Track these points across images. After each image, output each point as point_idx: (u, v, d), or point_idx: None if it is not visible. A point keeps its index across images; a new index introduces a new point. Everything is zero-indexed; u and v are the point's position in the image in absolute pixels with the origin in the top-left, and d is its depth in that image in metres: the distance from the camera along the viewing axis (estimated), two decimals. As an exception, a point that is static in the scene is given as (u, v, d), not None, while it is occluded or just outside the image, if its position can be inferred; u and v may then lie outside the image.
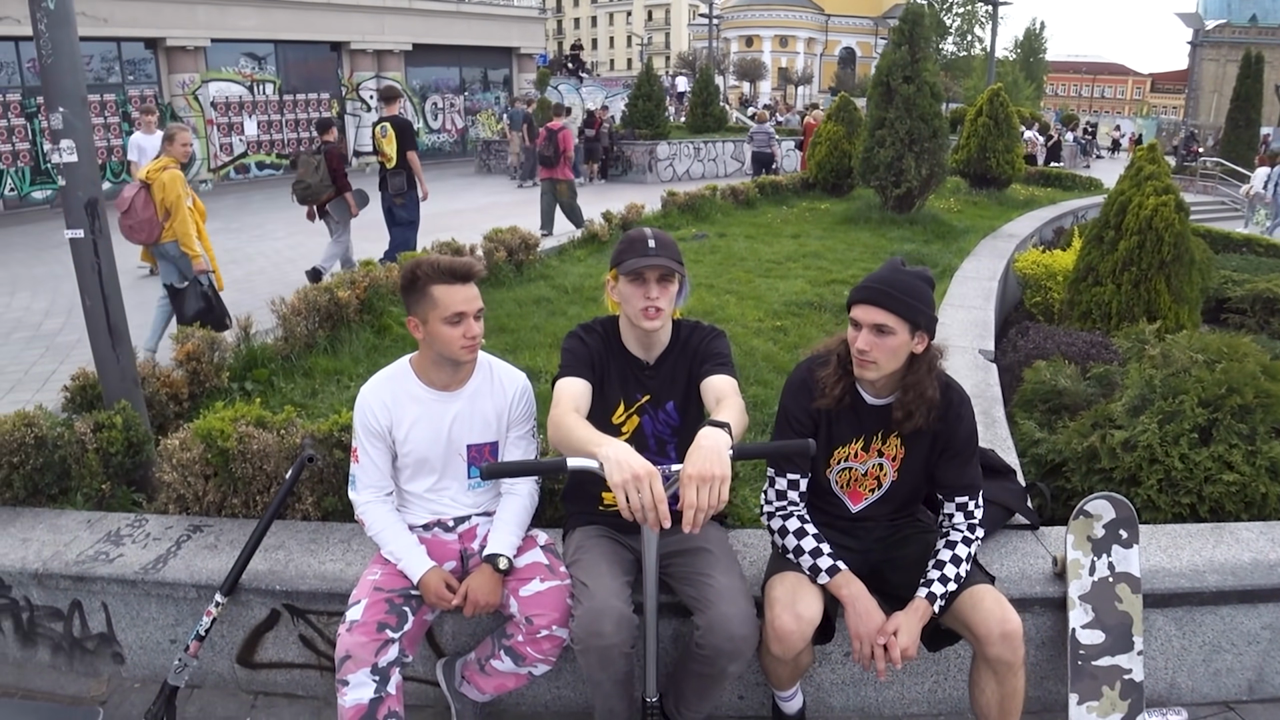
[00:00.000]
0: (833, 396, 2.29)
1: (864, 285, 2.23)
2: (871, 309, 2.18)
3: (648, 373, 2.44)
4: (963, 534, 2.31)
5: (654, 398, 2.44)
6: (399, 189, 8.65)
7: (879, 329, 2.17)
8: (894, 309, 2.16)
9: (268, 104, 21.21)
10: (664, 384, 2.44)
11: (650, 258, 2.28)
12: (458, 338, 2.29)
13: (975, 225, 10.53)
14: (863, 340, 2.18)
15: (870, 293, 2.19)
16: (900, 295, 2.17)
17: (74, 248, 3.28)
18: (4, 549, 2.94)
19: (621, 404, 2.44)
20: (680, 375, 2.44)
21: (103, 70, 17.99)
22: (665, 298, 2.32)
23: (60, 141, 3.12)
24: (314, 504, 3.08)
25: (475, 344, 2.33)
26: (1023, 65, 53.51)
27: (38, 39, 3.00)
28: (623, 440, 2.36)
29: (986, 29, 39.49)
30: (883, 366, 2.21)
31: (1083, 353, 5.03)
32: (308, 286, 5.60)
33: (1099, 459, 3.46)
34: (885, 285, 2.18)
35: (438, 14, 24.42)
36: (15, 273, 10.31)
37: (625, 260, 2.30)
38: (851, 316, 2.24)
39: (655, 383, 2.44)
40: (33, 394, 5.58)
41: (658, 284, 2.30)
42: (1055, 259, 7.73)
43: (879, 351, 2.18)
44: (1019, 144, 13.30)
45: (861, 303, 2.20)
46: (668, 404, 2.45)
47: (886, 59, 10.41)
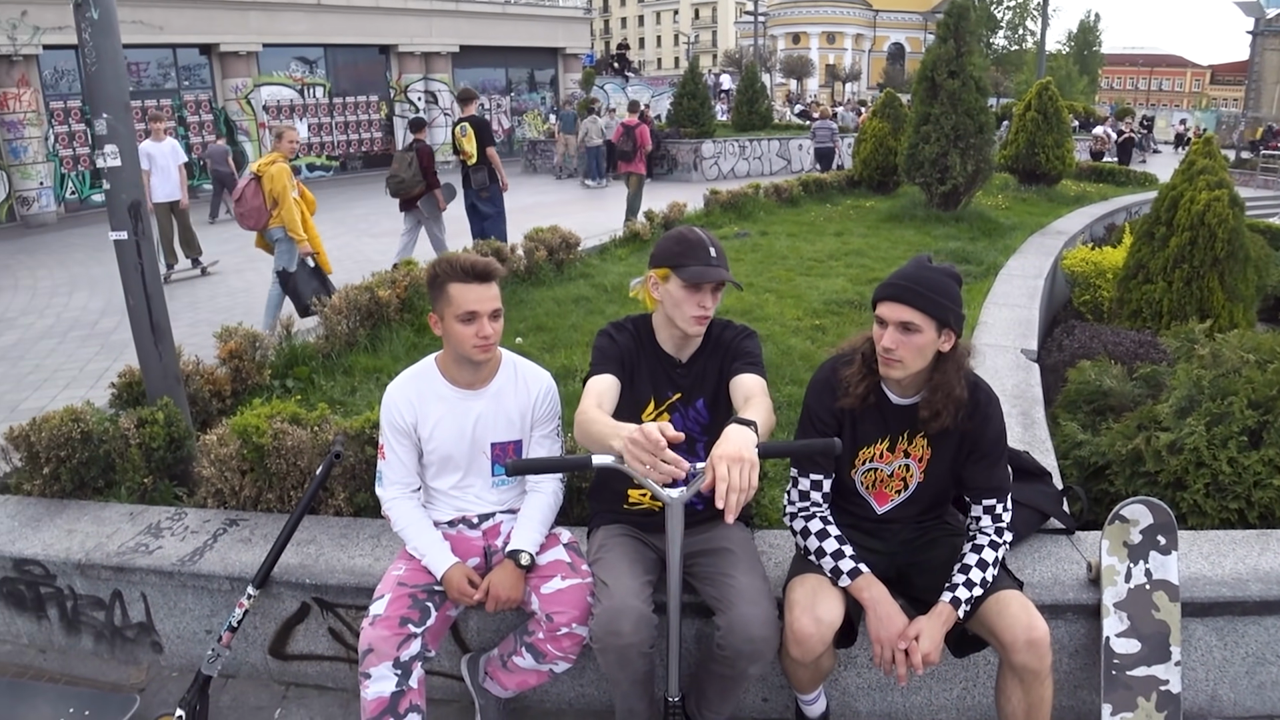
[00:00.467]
0: (856, 396, 2.25)
1: (890, 282, 2.18)
2: (898, 306, 2.13)
3: (679, 371, 2.43)
4: (990, 537, 2.26)
5: (685, 395, 2.43)
6: (481, 184, 9.22)
7: (905, 327, 2.13)
8: (921, 306, 2.11)
9: (318, 107, 21.65)
10: (695, 382, 2.43)
11: (713, 268, 2.27)
12: (470, 336, 2.31)
13: (1023, 222, 10.30)
14: (889, 338, 2.14)
15: (896, 290, 2.15)
16: (927, 292, 2.12)
17: (118, 249, 3.37)
18: (50, 539, 3.04)
19: (652, 401, 2.43)
20: (711, 373, 2.43)
21: (159, 76, 18.54)
22: (715, 306, 2.33)
23: (105, 146, 3.21)
24: (346, 500, 3.13)
25: (488, 344, 2.34)
26: (1076, 58, 52.25)
27: (82, 47, 3.09)
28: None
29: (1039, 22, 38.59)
30: (909, 365, 2.16)
31: (1130, 352, 4.90)
32: (349, 285, 5.68)
33: (1144, 462, 3.35)
34: (912, 282, 2.14)
35: (484, 15, 24.69)
36: (74, 273, 10.66)
37: (685, 266, 2.27)
38: (877, 314, 2.20)
39: (686, 380, 2.43)
40: (86, 390, 5.76)
41: (713, 294, 2.30)
42: (1105, 256, 7.54)
43: (905, 350, 2.14)
44: (1069, 139, 12.97)
45: (887, 300, 2.16)
46: (698, 401, 2.44)
47: (931, 54, 10.23)
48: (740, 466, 1.80)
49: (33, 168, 16.20)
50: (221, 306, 8.41)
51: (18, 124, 15.99)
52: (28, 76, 15.94)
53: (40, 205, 16.31)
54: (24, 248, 13.04)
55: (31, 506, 3.29)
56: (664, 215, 10.23)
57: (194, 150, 19.14)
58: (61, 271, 10.87)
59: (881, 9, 66.30)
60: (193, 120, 19.16)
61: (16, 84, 15.81)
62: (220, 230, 14.15)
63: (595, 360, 2.39)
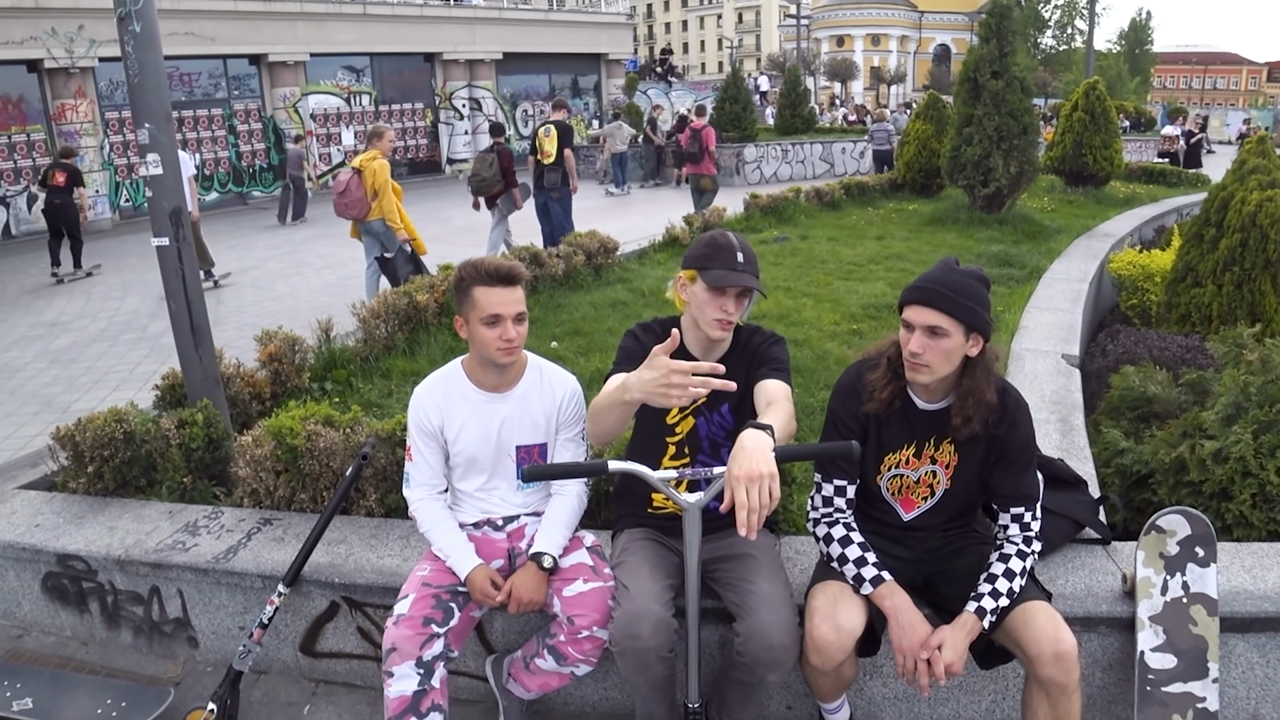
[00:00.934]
0: (881, 400, 2.22)
1: (916, 285, 2.15)
2: (924, 310, 2.10)
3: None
4: (1017, 546, 2.21)
5: (710, 399, 2.39)
6: (554, 183, 10.18)
7: (932, 331, 2.09)
8: (948, 310, 2.08)
9: (364, 114, 22.02)
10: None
11: (738, 273, 2.26)
12: (494, 339, 2.33)
13: (1069, 225, 10.09)
14: (915, 343, 2.11)
15: (923, 293, 2.12)
16: (954, 296, 2.09)
17: (160, 254, 3.47)
18: (92, 536, 3.13)
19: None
20: (738, 378, 2.37)
21: (210, 86, 19.03)
22: (740, 312, 2.32)
23: (147, 155, 3.31)
24: (377, 501, 3.17)
25: (512, 347, 2.35)
26: (1127, 57, 51.06)
27: (125, 60, 3.19)
28: (678, 439, 2.44)
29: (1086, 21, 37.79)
30: (936, 370, 2.13)
31: (1177, 357, 4.77)
32: (387, 290, 5.77)
33: (1187, 471, 3.26)
34: (939, 285, 2.10)
35: (528, 22, 24.95)
36: (128, 278, 10.98)
37: (710, 269, 2.27)
38: (904, 318, 2.16)
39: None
40: (135, 392, 5.93)
41: (737, 299, 2.30)
42: (1153, 259, 7.34)
43: (932, 354, 2.10)
44: (1117, 139, 12.67)
45: (914, 303, 2.13)
46: (723, 406, 2.43)
47: (974, 54, 10.07)
48: (759, 484, 1.78)
49: (89, 176, 16.70)
50: (268, 311, 8.59)
51: (74, 134, 16.53)
52: (84, 88, 16.49)
53: (96, 213, 16.81)
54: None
55: (76, 504, 3.39)
56: (703, 219, 10.21)
57: (244, 159, 19.63)
58: (115, 276, 11.20)
59: (927, 10, 65.52)
60: (242, 129, 19.63)
61: (74, 95, 16.36)
62: (284, 232, 14.47)
63: (618, 359, 2.40)
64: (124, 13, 3.15)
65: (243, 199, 19.66)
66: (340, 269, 10.99)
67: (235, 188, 19.64)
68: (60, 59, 15.80)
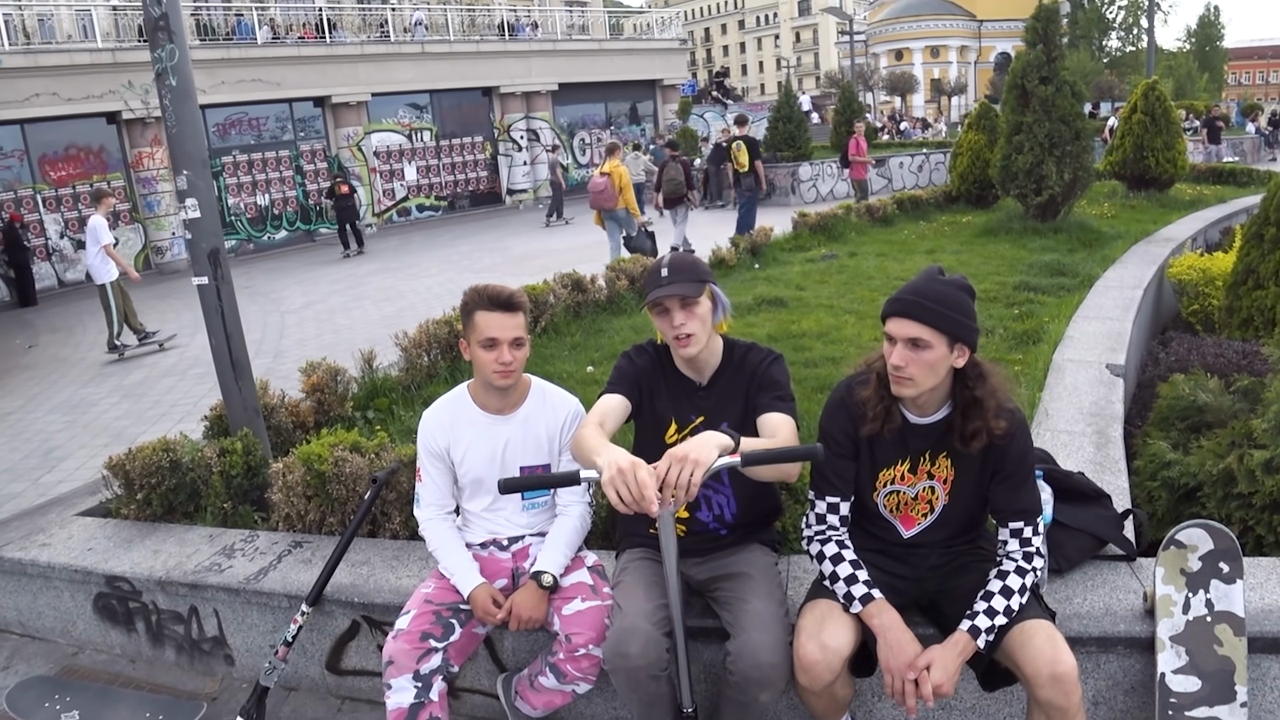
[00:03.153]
0: (877, 421, 2.20)
1: (896, 297, 2.13)
2: (905, 322, 2.07)
3: (701, 394, 2.41)
4: (1017, 563, 2.16)
5: (708, 419, 2.39)
6: (749, 186, 13.49)
7: (914, 343, 2.07)
8: (929, 321, 2.05)
9: (425, 150, 22.68)
10: (718, 405, 2.40)
11: (664, 286, 2.27)
12: (490, 362, 2.40)
13: (1128, 231, 9.77)
14: (897, 355, 2.08)
15: (902, 304, 2.09)
16: (935, 306, 2.06)
17: (200, 293, 3.66)
18: (138, 559, 3.31)
19: (674, 423, 2.43)
20: (736, 397, 2.40)
21: (277, 129, 19.84)
22: (693, 321, 2.28)
23: (185, 200, 3.50)
24: (402, 523, 3.27)
25: (507, 370, 2.41)
26: (1197, 55, 49.26)
27: (164, 112, 3.40)
28: None
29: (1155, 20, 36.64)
30: (920, 383, 2.10)
31: (1233, 364, 4.59)
32: (429, 320, 5.92)
33: (1236, 482, 3.14)
34: (918, 296, 2.08)
35: (582, 53, 25.38)
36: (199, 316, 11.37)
37: (647, 294, 2.33)
38: (885, 331, 2.14)
39: (709, 404, 2.40)
40: (195, 424, 6.18)
41: (681, 310, 2.28)
42: (1214, 262, 7.09)
43: (915, 367, 2.08)
44: (1180, 140, 12.24)
45: (894, 315, 2.10)
46: (722, 426, 2.37)
47: (1020, 60, 9.88)
48: (680, 466, 1.83)
49: (165, 220, 17.58)
50: (327, 344, 8.88)
51: (152, 180, 17.43)
52: (160, 136, 17.37)
53: (172, 254, 17.67)
54: (157, 293, 14.13)
55: (126, 529, 3.58)
56: (750, 240, 10.21)
57: (310, 198, 20.36)
58: (188, 314, 11.72)
59: (986, 18, 64.38)
60: (309, 169, 20.38)
61: (150, 144, 17.25)
62: (348, 266, 14.97)
63: (610, 379, 2.42)
64: (161, 69, 3.36)
65: (310, 236, 20.37)
66: (399, 300, 11.31)
67: (302, 225, 20.38)
68: (136, 110, 16.70)
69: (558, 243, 15.67)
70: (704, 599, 2.47)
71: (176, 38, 3.34)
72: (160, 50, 3.31)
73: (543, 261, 13.10)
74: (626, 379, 2.40)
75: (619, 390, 2.37)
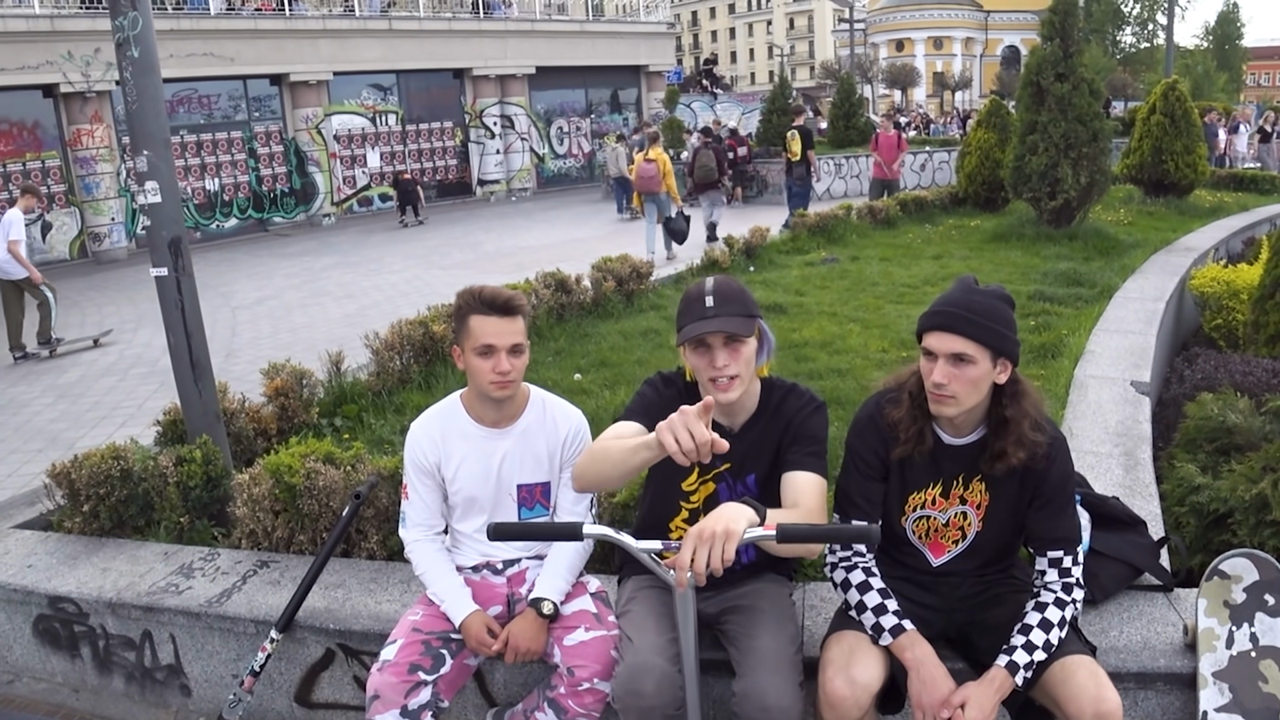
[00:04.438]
0: (910, 443, 2.20)
1: (935, 310, 2.14)
2: (947, 336, 2.08)
3: (731, 439, 2.24)
4: (1055, 594, 2.17)
5: (734, 467, 2.33)
6: (800, 175, 14.62)
7: (957, 358, 2.08)
8: (973, 335, 2.06)
9: (390, 135, 22.55)
10: (748, 453, 2.31)
11: (709, 320, 2.11)
12: (486, 371, 2.37)
13: (1146, 239, 9.91)
14: (940, 373, 2.08)
15: (945, 318, 2.10)
16: (978, 319, 2.07)
17: (159, 285, 3.61)
18: (85, 578, 3.24)
19: (696, 469, 2.33)
20: (768, 446, 2.30)
21: (229, 108, 19.65)
22: (738, 363, 2.15)
23: (145, 184, 3.45)
24: (379, 543, 3.23)
25: (505, 381, 2.38)
26: (1216, 54, 50.22)
27: (124, 86, 3.35)
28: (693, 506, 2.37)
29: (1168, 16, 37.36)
30: (963, 401, 2.11)
31: (1262, 383, 4.65)
32: (403, 320, 5.88)
33: (1270, 509, 3.17)
34: (960, 308, 2.09)
35: (562, 34, 25.35)
36: (142, 309, 11.33)
37: (683, 325, 2.16)
38: (924, 346, 2.14)
39: (738, 451, 2.27)
40: (142, 428, 6.09)
41: (725, 349, 2.14)
42: (1239, 274, 7.18)
43: (958, 384, 2.08)
44: (1201, 143, 12.43)
45: (935, 330, 2.11)
46: (749, 477, 2.34)
47: (1036, 56, 9.98)
48: (709, 544, 1.74)
49: (104, 204, 17.35)
50: (284, 343, 8.80)
51: (90, 160, 17.18)
52: (100, 113, 17.16)
53: (111, 241, 17.44)
54: (94, 284, 13.95)
55: (70, 544, 3.52)
56: (744, 241, 10.23)
57: (264, 184, 20.18)
58: (129, 308, 11.58)
59: (994, 9, 65.20)
60: (263, 152, 20.20)
61: (90, 120, 17.02)
62: (304, 260, 14.84)
63: (632, 405, 2.31)
64: (122, 38, 3.31)
65: (263, 225, 20.18)
66: (361, 298, 11.24)
67: (255, 214, 20.17)
68: (76, 83, 16.48)
69: (533, 239, 15.65)
70: (712, 631, 2.46)
71: (140, 5, 3.29)
72: (122, 18, 3.26)
73: (518, 259, 13.09)
74: (650, 411, 2.22)
75: (639, 420, 2.21)
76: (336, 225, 20.43)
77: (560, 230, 16.91)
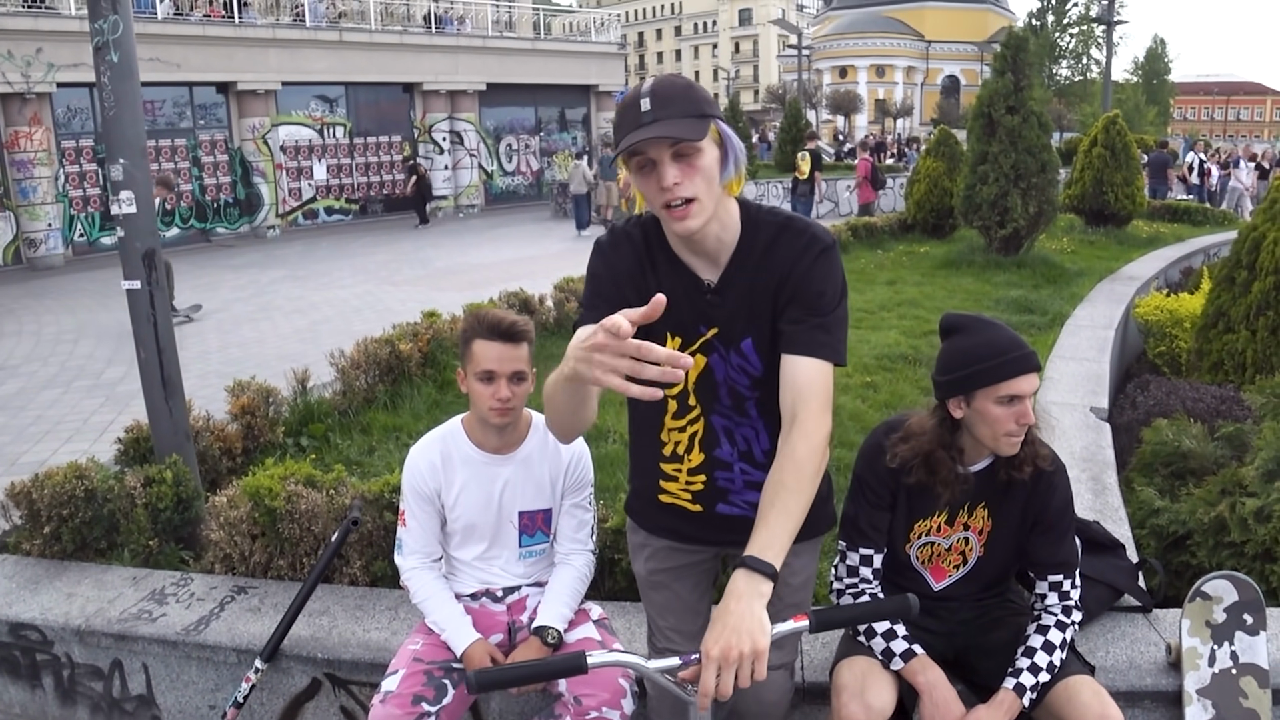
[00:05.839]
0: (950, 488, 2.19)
1: (1021, 354, 2.07)
2: (1034, 376, 2.08)
3: (711, 298, 1.83)
4: (1056, 617, 2.23)
5: (723, 331, 1.85)
6: (803, 193, 16.57)
7: None
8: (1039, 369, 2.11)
9: (337, 147, 22.24)
10: (736, 311, 1.83)
11: (646, 127, 1.61)
12: (487, 397, 2.33)
13: (1091, 267, 10.26)
14: (1031, 413, 2.07)
15: (1033, 359, 2.08)
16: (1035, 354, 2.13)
17: (130, 299, 3.50)
18: (49, 603, 3.12)
19: (678, 339, 1.86)
20: (762, 298, 1.81)
21: (174, 115, 19.20)
22: (693, 180, 1.65)
23: (120, 193, 3.36)
24: (362, 568, 3.17)
25: (505, 408, 2.34)
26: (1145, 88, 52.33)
27: (101, 91, 3.25)
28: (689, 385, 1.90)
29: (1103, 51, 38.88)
30: None
31: (1211, 409, 4.82)
32: (368, 338, 5.79)
33: (1228, 531, 3.30)
34: (1026, 345, 2.11)
35: (513, 52, 25.31)
36: (82, 319, 10.97)
37: (620, 140, 1.66)
38: (1008, 392, 2.06)
39: (723, 311, 1.83)
40: (89, 444, 5.90)
41: (675, 164, 1.64)
42: (1181, 303, 7.45)
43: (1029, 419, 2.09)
44: (1139, 176, 12.95)
45: (1029, 373, 2.07)
46: (744, 342, 1.85)
47: (988, 88, 10.31)
48: (738, 666, 1.49)
49: (41, 208, 16.76)
50: (233, 358, 8.60)
51: (28, 163, 16.60)
52: (40, 115, 16.61)
53: (48, 248, 16.84)
54: (30, 291, 13.46)
55: (30, 567, 3.38)
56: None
57: (208, 193, 19.74)
58: (68, 317, 11.20)
59: (934, 39, 66.99)
60: (207, 161, 19.76)
61: (29, 123, 16.46)
62: (250, 273, 14.51)
63: (585, 297, 1.88)
64: (101, 42, 3.22)
65: (205, 236, 19.72)
66: (312, 312, 11.03)
67: (198, 224, 19.69)
68: (15, 84, 15.93)
69: (485, 256, 15.55)
70: None
71: (121, 7, 3.20)
72: (102, 21, 3.17)
73: (470, 276, 12.98)
74: (605, 293, 1.80)
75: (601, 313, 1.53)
76: (281, 238, 20.04)
77: (511, 248, 16.84)
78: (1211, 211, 16.00)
